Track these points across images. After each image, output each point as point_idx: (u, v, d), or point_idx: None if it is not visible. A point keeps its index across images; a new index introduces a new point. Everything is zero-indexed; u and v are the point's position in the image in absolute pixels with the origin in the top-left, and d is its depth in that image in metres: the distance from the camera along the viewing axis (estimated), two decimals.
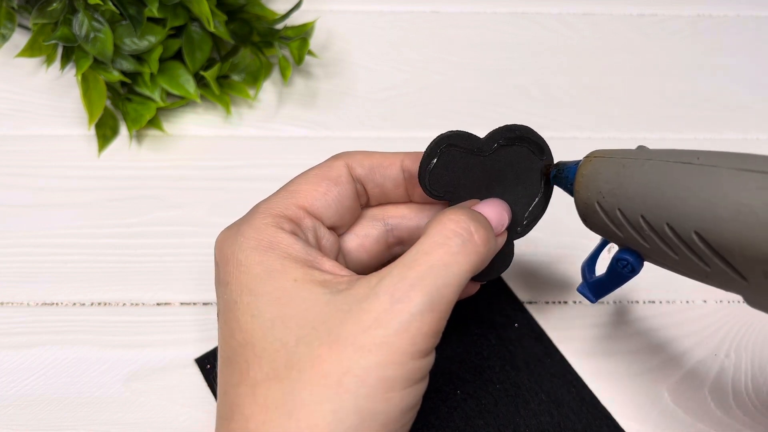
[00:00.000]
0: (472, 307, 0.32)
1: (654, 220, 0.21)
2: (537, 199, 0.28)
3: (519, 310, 0.33)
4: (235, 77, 0.39)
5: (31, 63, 0.41)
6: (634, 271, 0.24)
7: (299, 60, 0.39)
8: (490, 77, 0.42)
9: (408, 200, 0.28)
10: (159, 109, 0.39)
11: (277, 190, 0.26)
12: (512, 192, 0.28)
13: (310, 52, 0.40)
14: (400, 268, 0.21)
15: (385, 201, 0.28)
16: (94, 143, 0.38)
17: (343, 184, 0.26)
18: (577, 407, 0.30)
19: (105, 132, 0.38)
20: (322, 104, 0.40)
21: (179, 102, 0.39)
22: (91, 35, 0.35)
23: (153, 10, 0.35)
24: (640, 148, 0.24)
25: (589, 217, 0.25)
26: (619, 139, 0.40)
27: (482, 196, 0.27)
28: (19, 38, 0.41)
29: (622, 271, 0.24)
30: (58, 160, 0.37)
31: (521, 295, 0.34)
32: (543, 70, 0.42)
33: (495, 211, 0.25)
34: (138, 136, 0.38)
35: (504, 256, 0.27)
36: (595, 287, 0.27)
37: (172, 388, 0.30)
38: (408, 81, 0.42)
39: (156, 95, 0.37)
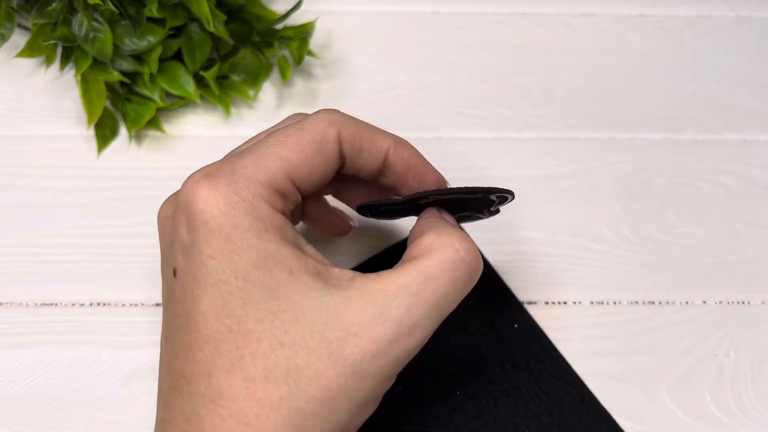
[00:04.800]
0: (472, 307, 0.32)
1: None
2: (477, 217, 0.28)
3: (519, 310, 0.33)
4: (235, 77, 0.39)
5: (31, 63, 0.41)
6: None
7: (299, 60, 0.39)
8: (490, 77, 0.42)
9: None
10: (158, 110, 0.39)
11: (261, 144, 0.23)
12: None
13: (310, 52, 0.40)
14: (408, 294, 0.21)
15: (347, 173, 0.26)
16: (93, 143, 0.38)
17: (332, 161, 0.24)
18: (577, 407, 0.30)
19: (104, 132, 0.38)
20: (322, 104, 0.40)
21: (179, 102, 0.39)
22: (91, 35, 0.35)
23: (152, 10, 0.35)
24: None
25: None
26: (618, 140, 0.40)
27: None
28: (19, 38, 0.41)
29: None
30: (57, 160, 0.37)
31: (521, 295, 0.34)
32: (543, 70, 0.42)
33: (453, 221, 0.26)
34: (137, 136, 0.38)
35: None
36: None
37: None
38: (408, 81, 0.42)
39: (155, 95, 0.37)
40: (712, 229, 0.37)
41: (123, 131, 0.38)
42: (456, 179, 0.38)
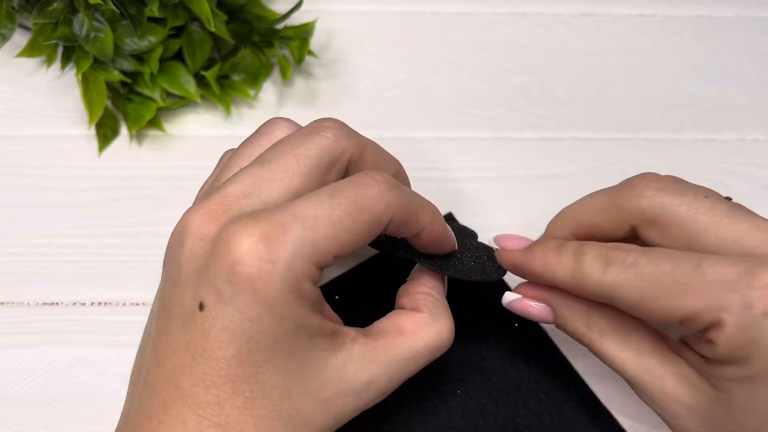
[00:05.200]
0: (472, 307, 0.33)
1: None
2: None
3: None
4: (236, 77, 0.39)
5: (32, 63, 0.41)
6: None
7: (299, 60, 0.39)
8: (490, 77, 0.42)
9: None
10: (159, 109, 0.39)
11: (321, 210, 0.22)
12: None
13: (310, 52, 0.40)
14: (395, 368, 0.25)
15: None
16: (94, 143, 0.38)
17: (374, 236, 0.24)
18: (577, 407, 0.30)
19: (105, 132, 0.38)
20: (322, 104, 0.40)
21: (179, 102, 0.39)
22: (92, 35, 0.35)
23: (153, 10, 0.35)
24: None
25: None
26: (618, 140, 0.40)
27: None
28: (20, 38, 0.41)
29: None
30: (58, 159, 0.37)
31: None
32: (543, 70, 0.42)
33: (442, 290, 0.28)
34: (138, 136, 0.38)
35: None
36: None
37: None
38: (408, 81, 0.42)
39: (156, 95, 0.37)
40: None
41: (124, 131, 0.39)
42: (456, 179, 0.38)
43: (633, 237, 0.26)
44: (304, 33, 0.39)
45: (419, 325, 0.25)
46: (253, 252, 0.21)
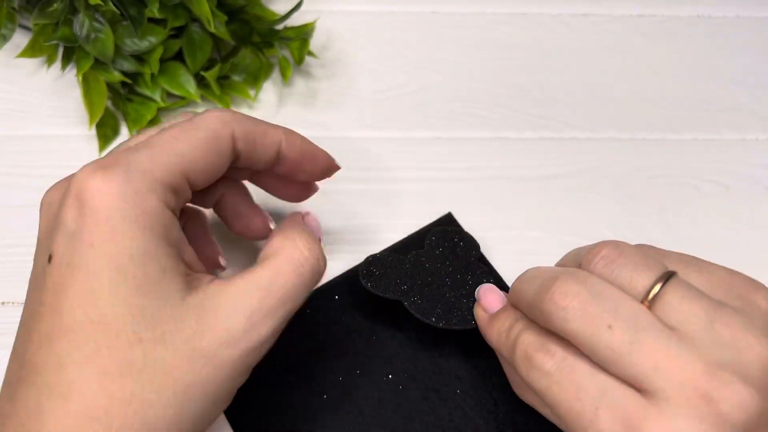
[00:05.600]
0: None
1: None
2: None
3: None
4: (236, 77, 0.39)
5: (32, 63, 0.41)
6: None
7: (299, 60, 0.39)
8: (490, 77, 0.42)
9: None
10: (160, 110, 0.39)
11: (157, 139, 0.23)
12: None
13: (310, 53, 0.40)
14: (258, 289, 0.22)
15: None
16: (94, 143, 0.38)
17: (225, 157, 0.24)
18: None
19: (106, 132, 0.38)
20: (322, 104, 0.40)
21: (180, 102, 0.39)
22: (92, 36, 0.35)
23: (153, 11, 0.35)
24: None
25: None
26: (618, 140, 0.40)
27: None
28: (20, 39, 0.41)
29: None
30: (58, 160, 0.37)
31: None
32: (543, 71, 0.42)
33: (315, 224, 0.29)
34: None
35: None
36: None
37: None
38: (408, 81, 0.42)
39: (156, 95, 0.37)
40: (712, 229, 0.37)
41: (124, 131, 0.39)
42: (456, 179, 0.38)
43: None
44: (304, 33, 0.39)
45: (274, 248, 0.24)
46: (92, 179, 0.21)
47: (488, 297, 0.29)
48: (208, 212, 0.30)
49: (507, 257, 0.35)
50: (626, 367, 0.21)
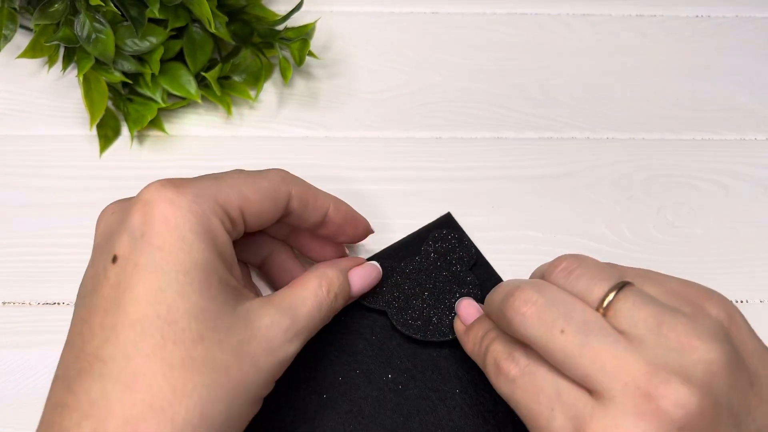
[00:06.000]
0: None
1: None
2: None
3: None
4: (236, 78, 0.39)
5: (33, 64, 0.41)
6: None
7: (300, 61, 0.39)
8: (490, 77, 0.42)
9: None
10: (160, 110, 0.39)
11: (225, 176, 0.26)
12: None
13: (310, 53, 0.40)
14: (290, 312, 0.26)
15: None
16: (95, 144, 0.38)
17: (279, 209, 0.27)
18: None
19: (106, 132, 0.38)
20: (322, 105, 0.40)
21: (180, 103, 0.39)
22: (93, 36, 0.35)
23: (154, 11, 0.35)
24: None
25: None
26: (618, 140, 0.40)
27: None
28: (21, 39, 0.41)
29: None
30: (59, 160, 0.38)
31: None
32: (542, 71, 0.42)
33: (362, 276, 0.31)
34: (139, 136, 0.39)
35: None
36: None
37: None
38: (408, 81, 0.42)
39: (157, 96, 0.37)
40: (712, 229, 0.37)
41: (125, 131, 0.39)
42: (456, 179, 0.38)
43: None
44: (304, 34, 0.39)
45: (305, 278, 0.28)
46: (162, 192, 0.24)
47: (466, 309, 0.30)
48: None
49: (506, 257, 0.35)
50: (577, 368, 0.22)
